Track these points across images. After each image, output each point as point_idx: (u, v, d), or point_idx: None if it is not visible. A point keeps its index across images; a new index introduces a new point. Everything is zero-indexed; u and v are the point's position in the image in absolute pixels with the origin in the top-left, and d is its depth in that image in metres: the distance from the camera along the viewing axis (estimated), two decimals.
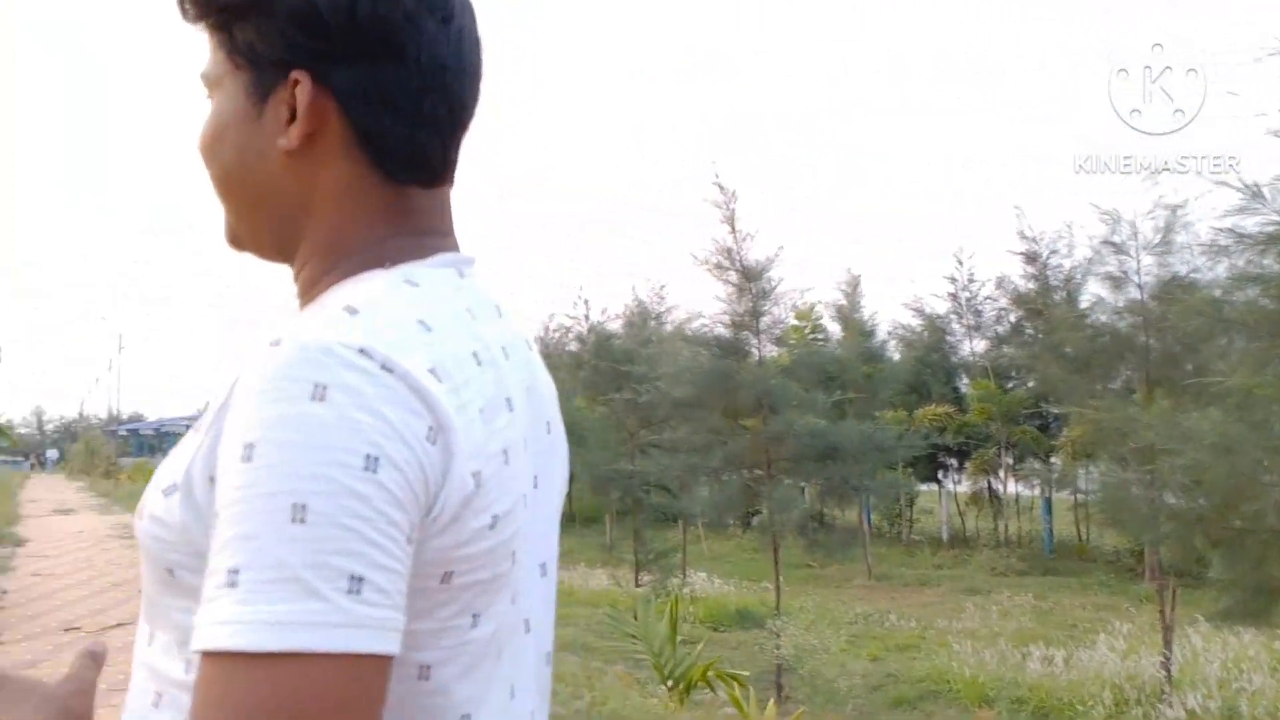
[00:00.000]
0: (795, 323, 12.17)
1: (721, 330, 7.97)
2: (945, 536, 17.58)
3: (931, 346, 18.35)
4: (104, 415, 70.54)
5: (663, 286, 15.00)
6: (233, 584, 0.58)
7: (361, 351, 0.63)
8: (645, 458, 10.96)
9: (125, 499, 25.89)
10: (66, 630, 8.08)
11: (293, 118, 0.74)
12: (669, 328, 14.79)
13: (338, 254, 0.77)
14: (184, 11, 0.79)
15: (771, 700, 6.26)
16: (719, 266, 7.56)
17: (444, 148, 0.78)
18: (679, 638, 7.02)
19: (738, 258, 7.54)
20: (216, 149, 0.79)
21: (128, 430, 56.18)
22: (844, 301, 17.50)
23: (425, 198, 0.79)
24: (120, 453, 47.97)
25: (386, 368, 0.63)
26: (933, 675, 8.26)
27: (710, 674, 6.55)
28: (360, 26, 0.73)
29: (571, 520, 20.46)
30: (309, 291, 0.78)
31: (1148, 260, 7.90)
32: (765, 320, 7.63)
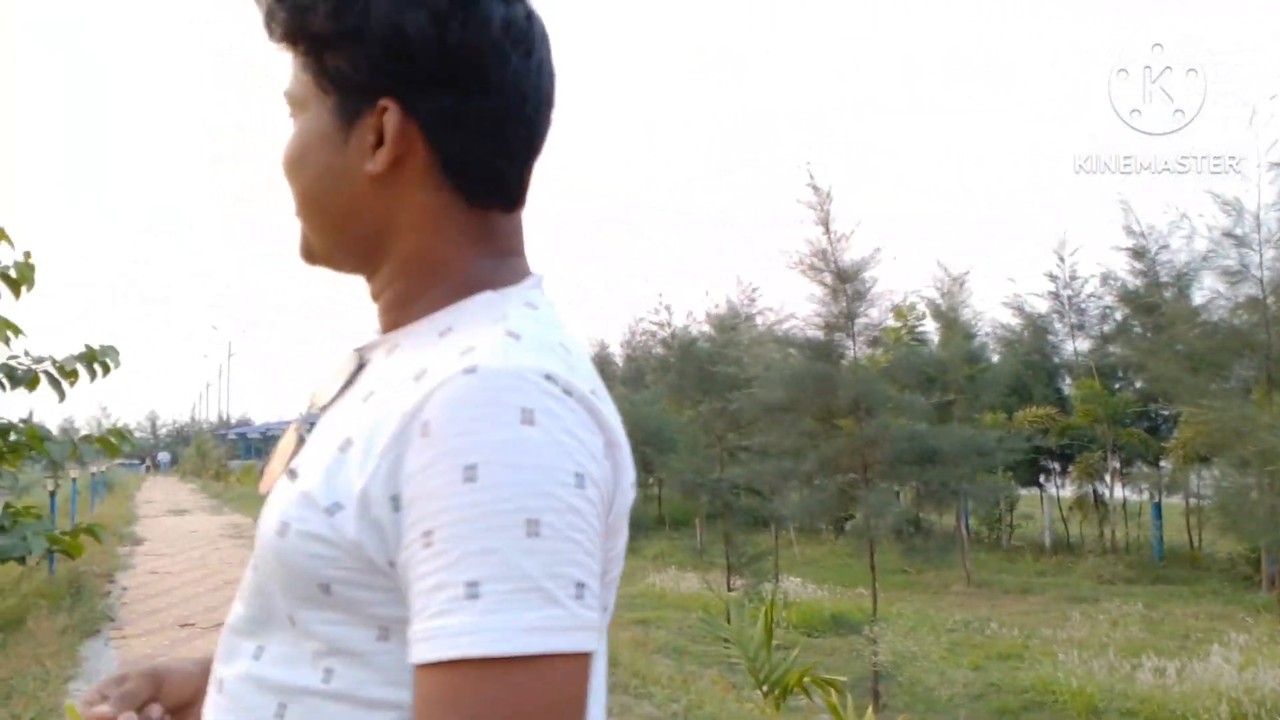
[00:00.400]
0: (893, 323, 11.88)
1: (814, 332, 7.85)
2: (1048, 542, 17.02)
3: (1033, 346, 17.80)
4: (214, 420, 73.50)
5: (755, 289, 14.76)
6: (474, 595, 0.62)
7: (548, 377, 0.68)
8: (734, 462, 10.89)
9: (235, 500, 26.94)
10: (182, 626, 8.44)
11: (379, 142, 0.77)
12: (757, 330, 14.64)
13: (430, 275, 0.80)
14: (270, 33, 0.82)
15: (870, 707, 6.15)
16: (813, 268, 7.46)
17: (520, 174, 0.82)
18: (773, 642, 6.96)
19: (832, 259, 7.44)
20: (300, 169, 0.82)
21: (236, 434, 58.35)
22: (941, 301, 17.04)
23: (504, 220, 0.82)
24: (229, 456, 49.88)
25: (568, 391, 0.69)
26: (1037, 685, 8.00)
27: (806, 680, 6.48)
28: (449, 57, 0.75)
29: (661, 523, 20.47)
30: (401, 308, 0.81)
31: (1269, 254, 7.50)
32: (861, 322, 7.52)
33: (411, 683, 0.68)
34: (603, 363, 25.55)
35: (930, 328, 17.03)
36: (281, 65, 0.84)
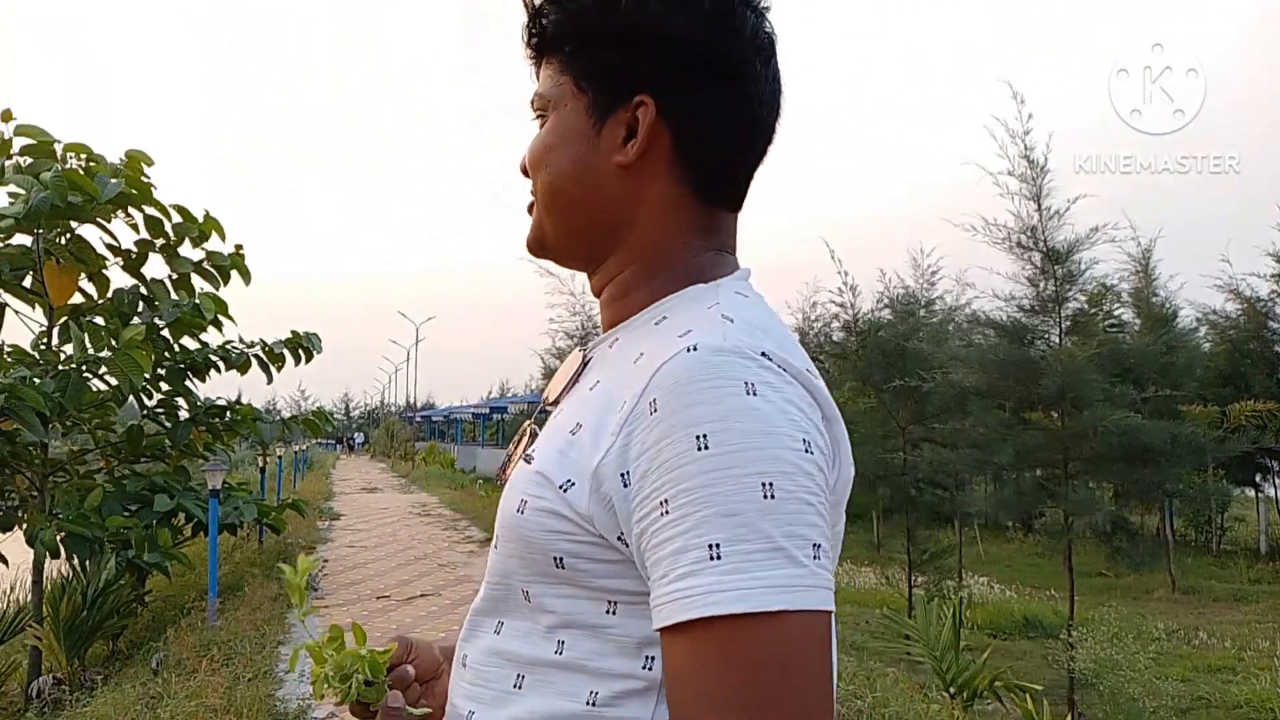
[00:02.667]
0: (1090, 308, 11.04)
1: (1015, 315, 7.39)
2: (1263, 548, 15.67)
3: (1251, 333, 16.27)
4: (401, 403, 77.55)
5: (934, 272, 14.13)
6: (717, 557, 0.64)
7: (763, 354, 0.71)
8: (918, 452, 10.53)
9: (421, 479, 28.35)
10: (378, 598, 8.90)
11: (628, 136, 0.82)
12: (938, 314, 14.02)
13: (657, 264, 0.84)
14: (533, 35, 0.87)
15: (1067, 717, 5.82)
16: (1020, 246, 7.02)
17: (749, 175, 0.87)
18: (960, 643, 6.68)
19: (1042, 238, 6.97)
20: (549, 160, 0.86)
21: (421, 417, 61.23)
22: (1140, 283, 15.80)
23: (728, 218, 0.87)
24: (415, 437, 52.47)
25: (783, 368, 0.71)
26: (1254, 701, 7.38)
27: (997, 684, 6.18)
28: (707, 58, 0.81)
29: None
30: (623, 297, 0.86)
31: None
32: (1070, 306, 7.04)
33: (637, 653, 0.73)
34: None
35: (1128, 313, 15.84)
36: (529, 76, 0.90)
